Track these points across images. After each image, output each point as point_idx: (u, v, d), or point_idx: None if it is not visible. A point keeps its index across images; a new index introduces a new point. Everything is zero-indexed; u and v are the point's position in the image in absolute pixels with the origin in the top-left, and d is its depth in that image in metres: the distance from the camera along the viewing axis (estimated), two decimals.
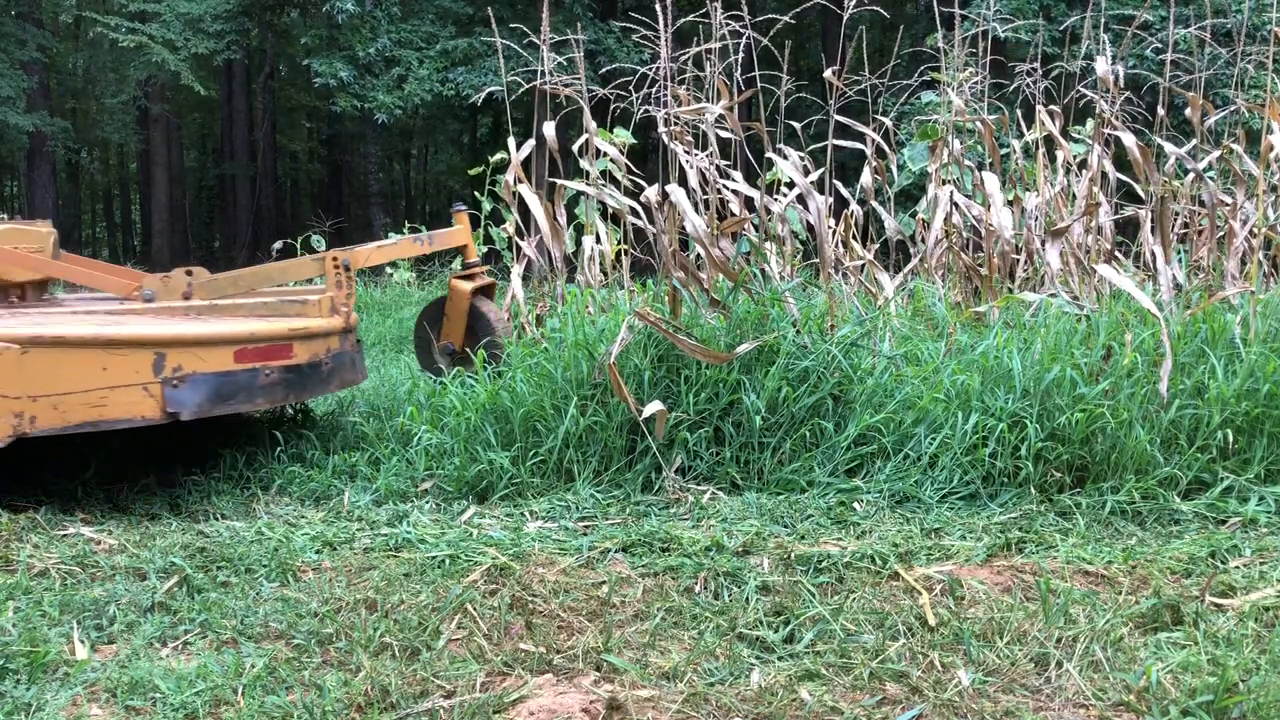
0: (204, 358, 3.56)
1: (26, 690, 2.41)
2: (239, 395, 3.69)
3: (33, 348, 3.34)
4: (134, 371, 3.45)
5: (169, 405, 3.50)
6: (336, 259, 4.16)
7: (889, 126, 6.54)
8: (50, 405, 3.38)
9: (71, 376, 3.40)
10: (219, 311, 4.04)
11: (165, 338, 3.51)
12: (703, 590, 2.92)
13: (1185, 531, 3.41)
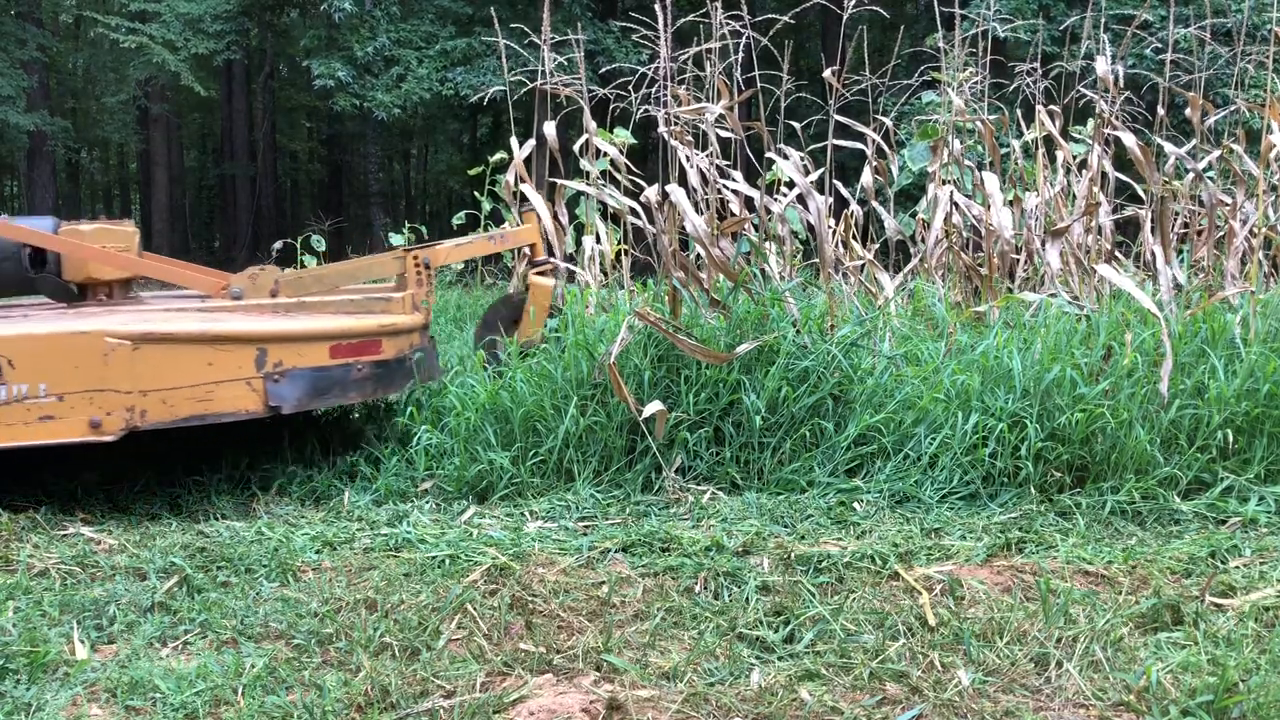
0: (302, 353, 3.64)
1: (26, 690, 2.41)
2: (333, 390, 3.78)
3: (144, 344, 3.41)
4: (238, 366, 3.54)
5: (270, 399, 3.59)
6: (417, 257, 4.23)
7: (889, 126, 6.54)
8: (160, 399, 3.45)
9: (179, 372, 3.47)
10: (307, 309, 4.10)
11: (267, 334, 3.59)
12: (703, 590, 2.92)
13: (1185, 531, 3.41)
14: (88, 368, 3.39)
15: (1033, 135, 6.04)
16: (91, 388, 3.40)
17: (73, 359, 3.39)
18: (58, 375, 3.39)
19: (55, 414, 3.39)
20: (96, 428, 3.41)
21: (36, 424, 3.40)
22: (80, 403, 3.40)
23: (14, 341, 3.39)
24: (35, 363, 3.39)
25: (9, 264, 4.34)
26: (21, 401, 3.38)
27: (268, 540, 3.46)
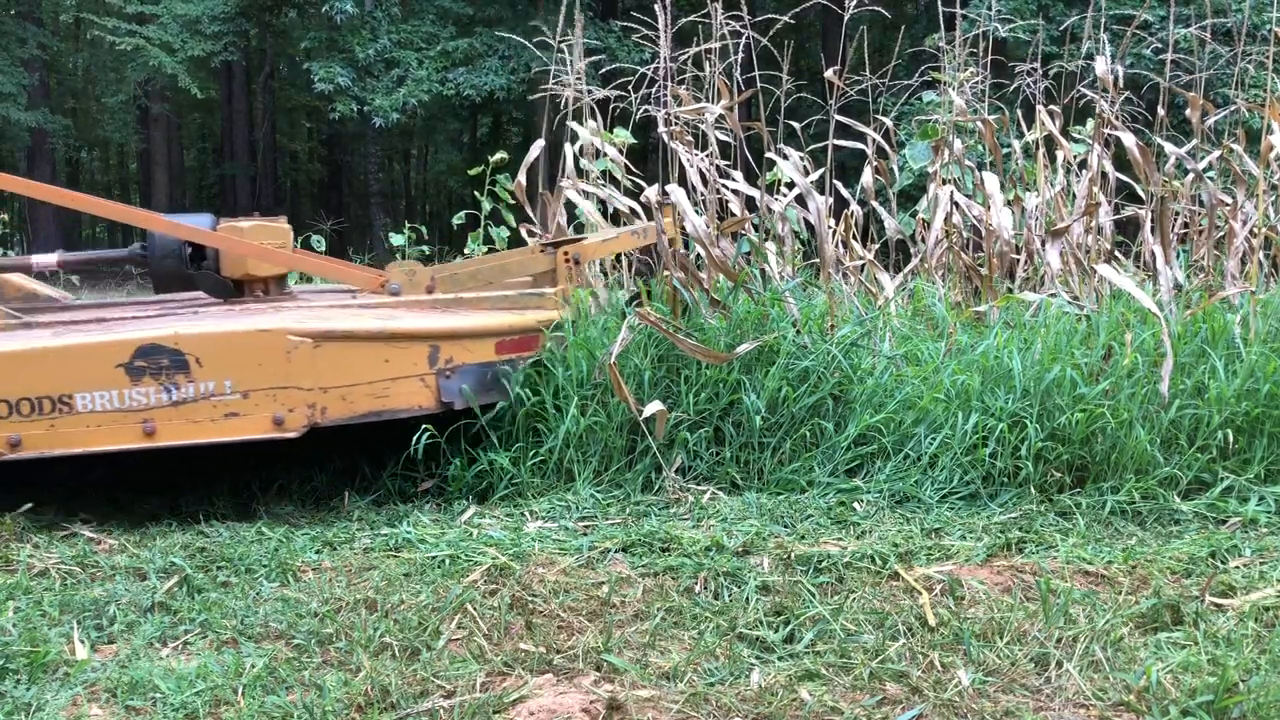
0: (471, 349, 3.69)
1: (26, 690, 2.41)
2: (498, 386, 3.81)
3: (324, 341, 3.45)
4: (412, 363, 3.58)
5: (443, 395, 3.65)
6: (567, 253, 4.25)
7: (889, 126, 6.54)
8: (339, 396, 3.49)
9: (358, 368, 3.51)
10: (464, 305, 4.11)
11: (439, 330, 3.63)
12: (703, 590, 2.92)
13: (1185, 531, 3.41)
14: (271, 365, 3.42)
15: (1033, 135, 6.04)
16: (275, 385, 3.43)
17: (257, 356, 3.42)
18: (243, 372, 3.42)
19: (240, 411, 3.43)
20: (279, 425, 3.45)
21: (222, 421, 3.43)
22: (264, 400, 3.43)
23: (201, 340, 3.41)
24: (221, 360, 3.41)
25: (170, 261, 4.36)
26: (208, 399, 3.42)
27: (268, 540, 3.46)
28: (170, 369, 3.40)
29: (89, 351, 3.39)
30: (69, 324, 3.94)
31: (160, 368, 3.39)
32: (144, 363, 3.38)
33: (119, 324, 3.84)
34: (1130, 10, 7.32)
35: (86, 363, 3.39)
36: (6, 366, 3.38)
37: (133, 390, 3.39)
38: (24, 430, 3.36)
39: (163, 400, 3.39)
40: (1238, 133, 5.64)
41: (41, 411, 3.37)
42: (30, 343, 3.44)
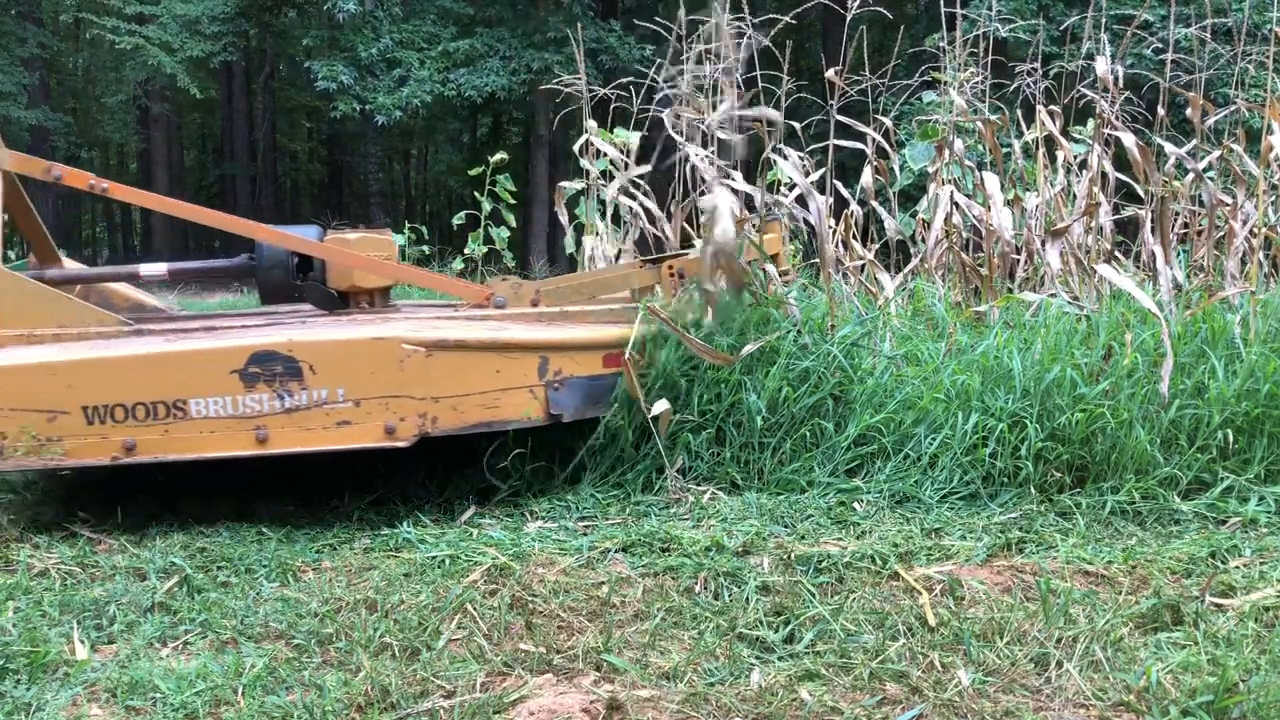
0: (579, 362, 3.66)
1: (26, 690, 2.41)
2: (604, 399, 3.78)
3: (437, 351, 3.43)
4: (523, 374, 3.56)
5: (552, 407, 3.62)
6: (672, 267, 4.21)
7: (889, 126, 6.54)
8: (450, 406, 3.47)
9: (470, 378, 3.49)
10: (570, 318, 4.09)
11: (549, 342, 3.61)
12: (703, 590, 2.92)
13: (1185, 531, 3.41)
14: (384, 374, 3.40)
15: (1033, 135, 6.04)
16: (387, 394, 3.41)
17: (370, 365, 3.40)
18: (356, 381, 3.40)
19: (352, 419, 3.41)
20: (391, 433, 3.42)
21: (334, 429, 3.42)
22: (376, 408, 3.42)
23: (315, 347, 3.40)
24: (335, 368, 3.40)
25: (277, 271, 4.35)
26: (321, 406, 3.40)
27: (268, 540, 3.46)
28: (284, 376, 3.38)
29: (204, 357, 3.39)
30: (180, 332, 3.93)
31: (274, 374, 3.38)
32: (258, 369, 3.37)
33: (231, 332, 3.83)
34: (1130, 10, 7.32)
35: (201, 368, 3.38)
36: (123, 371, 3.37)
37: (246, 397, 3.38)
38: (139, 435, 3.35)
39: (276, 407, 3.38)
40: (1238, 133, 5.64)
41: (156, 416, 3.36)
42: (146, 348, 3.44)
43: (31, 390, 3.34)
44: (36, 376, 3.35)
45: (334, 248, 4.30)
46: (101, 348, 3.54)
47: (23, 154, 4.31)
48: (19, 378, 3.35)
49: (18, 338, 3.83)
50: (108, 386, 3.35)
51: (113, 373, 3.37)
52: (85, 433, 3.35)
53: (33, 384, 3.34)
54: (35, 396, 3.33)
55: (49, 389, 3.34)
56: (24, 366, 3.38)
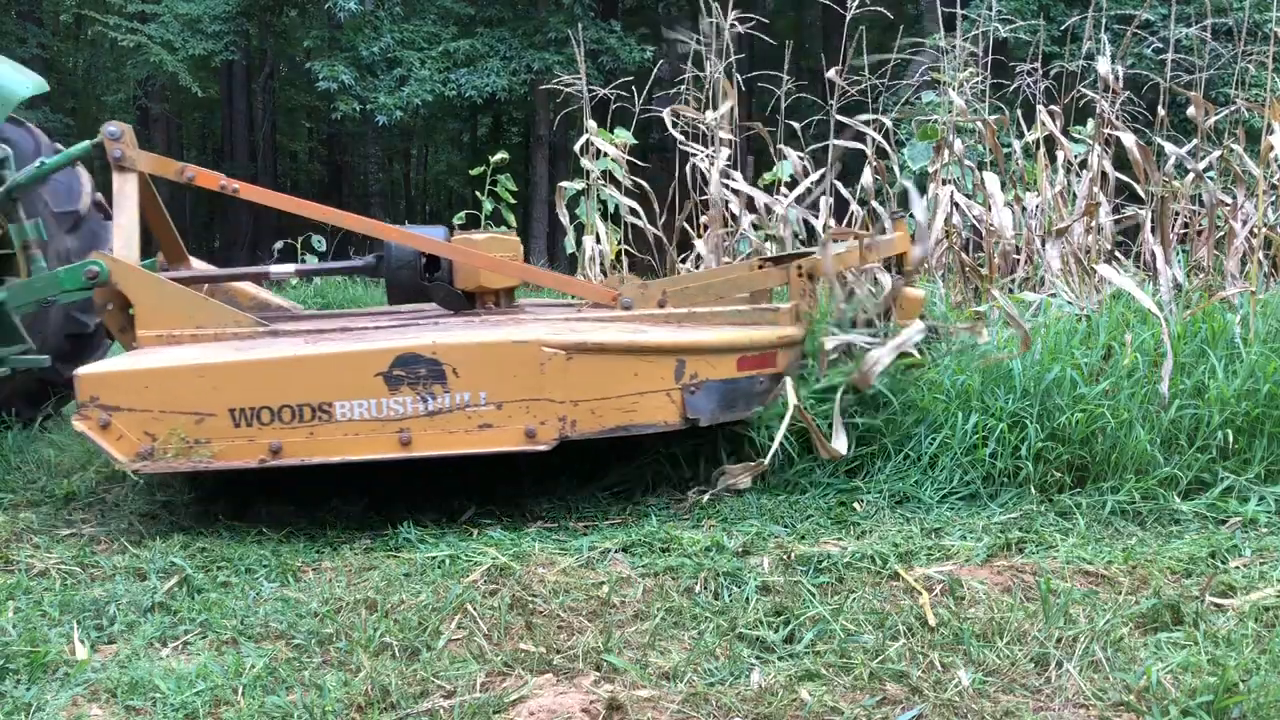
0: (715, 365, 3.61)
1: (26, 690, 2.41)
2: (739, 403, 3.72)
3: (577, 354, 3.40)
4: (660, 378, 3.51)
5: (688, 411, 3.57)
6: (800, 268, 4.13)
7: (889, 126, 6.54)
8: (589, 409, 3.44)
9: (608, 382, 3.46)
10: (698, 320, 4.03)
11: (685, 345, 3.56)
12: (703, 590, 2.92)
13: (1185, 531, 3.41)
14: (525, 377, 3.37)
15: (1033, 135, 6.04)
16: (528, 397, 3.39)
17: (511, 368, 3.38)
18: (497, 384, 3.38)
19: (493, 422, 3.38)
20: (531, 437, 3.40)
21: (476, 432, 3.39)
22: (517, 411, 3.39)
23: (458, 350, 3.38)
24: (476, 371, 3.37)
25: (405, 271, 4.34)
26: (463, 409, 3.38)
27: (268, 540, 3.46)
28: (428, 379, 3.36)
29: (349, 360, 3.37)
30: (314, 333, 3.92)
31: (418, 377, 3.36)
32: (402, 372, 3.35)
33: (371, 334, 3.80)
34: (1131, 10, 7.32)
35: (346, 371, 3.36)
36: (270, 373, 3.36)
37: (390, 399, 3.36)
38: (284, 437, 3.34)
39: (419, 410, 3.36)
40: (1238, 132, 5.64)
41: (302, 419, 3.35)
42: (292, 350, 3.42)
43: (180, 392, 3.32)
44: (184, 379, 3.33)
45: (462, 248, 4.27)
46: (246, 350, 3.52)
47: (158, 155, 4.33)
48: (167, 380, 3.33)
49: (156, 338, 3.84)
50: (254, 389, 3.33)
51: (259, 375, 3.35)
52: (233, 435, 3.33)
53: (181, 386, 3.32)
54: (183, 399, 3.31)
55: (197, 391, 3.32)
56: (172, 369, 3.35)
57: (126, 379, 3.33)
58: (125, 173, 4.17)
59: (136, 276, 3.94)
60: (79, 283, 4.00)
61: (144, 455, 3.31)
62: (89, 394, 3.30)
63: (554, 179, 18.38)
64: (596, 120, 7.82)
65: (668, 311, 4.08)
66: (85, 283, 3.96)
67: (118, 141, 4.19)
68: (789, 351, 3.91)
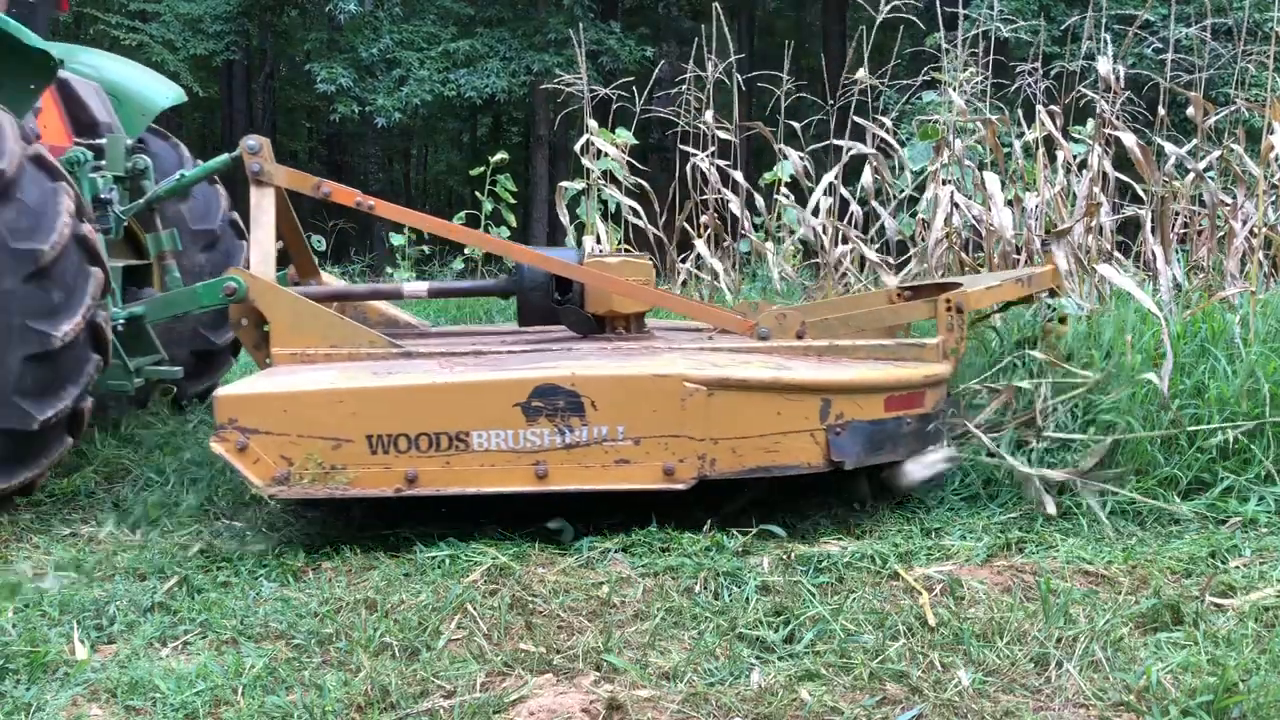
0: (861, 405, 3.46)
1: (26, 690, 2.42)
2: (886, 445, 3.56)
3: (718, 390, 3.31)
4: (804, 417, 3.39)
5: (833, 453, 3.41)
6: (950, 301, 3.92)
7: (889, 126, 6.54)
8: (730, 448, 3.34)
9: (750, 420, 3.35)
10: (840, 353, 3.87)
11: (831, 383, 3.44)
12: (703, 590, 2.92)
13: (1185, 531, 3.41)
14: (665, 412, 3.30)
15: (1033, 135, 6.04)
16: (667, 433, 3.30)
17: (651, 403, 3.30)
18: (636, 418, 3.30)
19: (631, 458, 3.30)
20: (669, 475, 3.31)
21: (613, 467, 3.31)
22: (655, 448, 3.31)
23: (597, 382, 3.30)
24: (616, 404, 3.30)
25: (537, 294, 4.29)
26: (600, 443, 3.30)
27: (268, 540, 3.46)
28: (566, 411, 3.29)
29: (487, 389, 3.30)
30: (447, 355, 3.85)
31: (556, 409, 3.28)
32: (540, 403, 3.28)
33: (504, 360, 3.74)
34: (1132, 10, 7.33)
35: (484, 400, 3.29)
36: (408, 400, 3.29)
37: (528, 431, 3.28)
38: (421, 466, 3.27)
39: (556, 443, 3.29)
40: (1238, 132, 5.64)
41: (439, 448, 3.27)
42: (430, 377, 3.35)
43: (317, 417, 3.26)
44: (323, 403, 3.27)
45: (594, 272, 4.20)
46: (383, 374, 3.46)
47: (294, 170, 4.30)
48: (306, 404, 3.27)
49: (290, 356, 3.79)
50: (392, 415, 3.27)
51: (397, 401, 3.28)
52: (369, 462, 3.27)
53: (319, 411, 3.26)
54: (321, 423, 3.25)
55: (335, 416, 3.26)
56: (310, 393, 3.30)
57: (265, 402, 3.27)
58: (263, 187, 4.15)
59: (273, 294, 3.89)
60: (217, 298, 4.00)
61: (280, 480, 3.24)
62: (227, 416, 3.24)
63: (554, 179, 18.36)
64: (597, 120, 7.82)
65: (806, 344, 3.91)
66: (223, 299, 3.94)
67: (256, 155, 4.18)
68: (936, 391, 3.75)
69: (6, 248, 3.37)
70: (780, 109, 7.11)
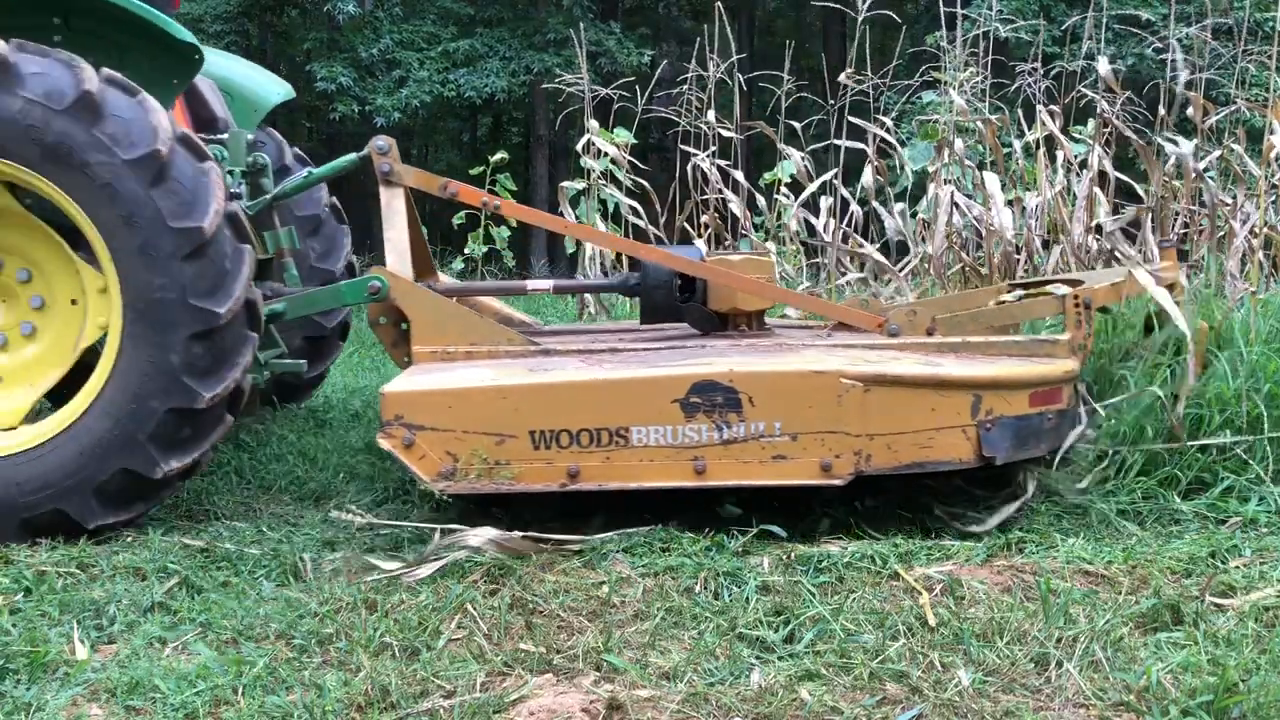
0: (1009, 401, 3.50)
1: (26, 690, 2.42)
2: (1030, 441, 3.59)
3: (874, 386, 3.35)
4: (956, 413, 3.42)
5: (985, 449, 3.45)
6: (1078, 298, 3.95)
7: (890, 126, 6.54)
8: (885, 444, 3.37)
9: (905, 416, 3.39)
10: (972, 350, 3.89)
11: (981, 379, 3.48)
12: (703, 590, 2.92)
13: (1185, 531, 3.41)
14: (822, 408, 3.32)
15: (1033, 135, 6.04)
16: (824, 429, 3.33)
17: (808, 399, 3.33)
18: (793, 414, 3.33)
19: (788, 454, 3.33)
20: (827, 470, 3.34)
21: (770, 463, 3.34)
22: (812, 444, 3.33)
23: (755, 378, 3.34)
24: (773, 400, 3.33)
25: (661, 292, 4.31)
26: (757, 439, 3.33)
27: (268, 540, 3.46)
28: (723, 407, 3.32)
29: (647, 385, 3.34)
30: (586, 352, 3.89)
31: (714, 405, 3.32)
32: (699, 399, 3.32)
33: (652, 357, 3.76)
34: (1132, 10, 7.33)
35: (643, 396, 3.33)
36: (570, 396, 3.33)
37: (686, 427, 3.32)
38: (582, 461, 3.31)
39: (714, 439, 3.32)
40: (1238, 132, 5.64)
41: (599, 443, 3.32)
42: (590, 374, 3.40)
43: (482, 413, 3.30)
44: (487, 399, 3.31)
45: (717, 269, 4.22)
46: (539, 371, 3.50)
47: (422, 170, 4.33)
48: (470, 400, 3.31)
49: (431, 354, 3.85)
50: (554, 411, 3.31)
51: (560, 397, 3.32)
52: (531, 457, 3.31)
53: (483, 407, 3.30)
54: (486, 419, 3.29)
55: (499, 412, 3.30)
56: (476, 389, 3.34)
57: (431, 398, 3.31)
58: (393, 187, 4.19)
59: (415, 293, 3.94)
60: (361, 297, 4.03)
61: (445, 475, 3.29)
62: (394, 412, 3.29)
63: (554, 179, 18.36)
64: (597, 120, 7.82)
65: (939, 340, 3.93)
66: (367, 297, 3.98)
67: (385, 156, 4.20)
68: (1069, 387, 3.78)
69: (167, 227, 3.39)
70: (781, 109, 7.12)
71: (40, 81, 3.35)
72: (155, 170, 3.38)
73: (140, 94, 3.48)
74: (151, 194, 3.38)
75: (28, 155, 3.37)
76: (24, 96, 3.33)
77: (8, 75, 3.32)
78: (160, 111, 3.48)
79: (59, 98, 3.34)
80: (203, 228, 3.41)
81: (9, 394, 3.66)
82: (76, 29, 3.82)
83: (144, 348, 3.41)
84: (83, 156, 3.36)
